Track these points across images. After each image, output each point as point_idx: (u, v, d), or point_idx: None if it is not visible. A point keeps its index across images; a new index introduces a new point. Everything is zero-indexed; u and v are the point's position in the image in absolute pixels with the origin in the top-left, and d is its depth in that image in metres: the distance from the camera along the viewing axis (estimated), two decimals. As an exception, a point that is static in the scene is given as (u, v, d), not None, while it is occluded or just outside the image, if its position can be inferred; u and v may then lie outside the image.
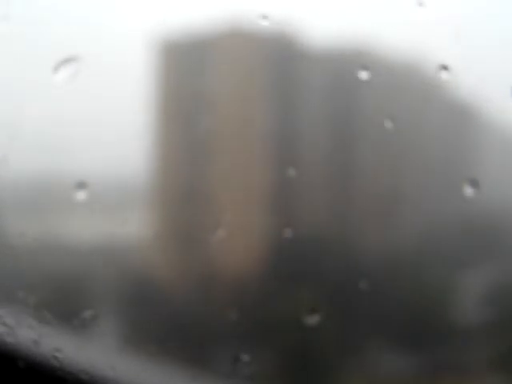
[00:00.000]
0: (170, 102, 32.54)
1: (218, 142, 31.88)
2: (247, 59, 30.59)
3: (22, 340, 2.35)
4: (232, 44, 30.30)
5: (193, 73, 32.89)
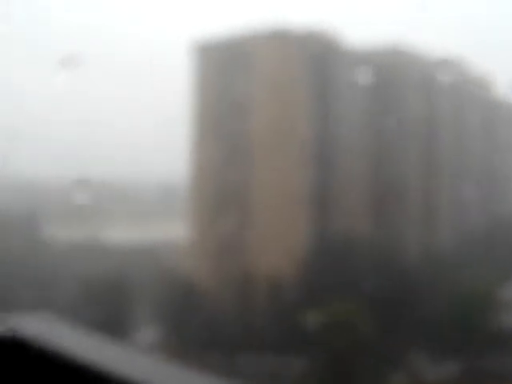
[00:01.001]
0: (210, 106, 32.77)
1: (258, 145, 31.99)
2: (287, 61, 30.75)
3: (64, 339, 2.36)
4: (271, 46, 30.53)
5: (232, 76, 33.07)
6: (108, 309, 38.26)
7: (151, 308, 40.88)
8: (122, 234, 50.03)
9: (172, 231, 48.14)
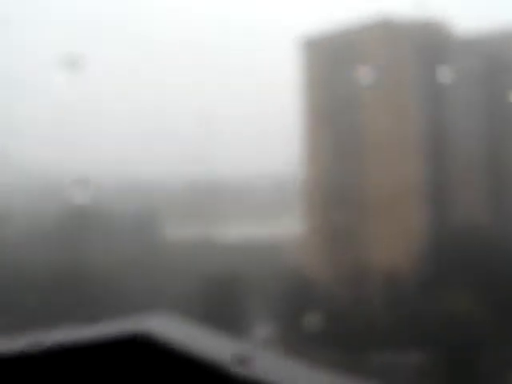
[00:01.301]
0: (320, 100, 32.55)
1: (370, 137, 31.57)
2: (395, 51, 30.13)
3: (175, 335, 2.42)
4: (378, 36, 30.00)
5: (341, 69, 32.71)
6: (225, 305, 39.35)
7: (267, 303, 41.16)
8: (236, 230, 50.33)
9: (285, 226, 48.08)
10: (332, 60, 42.62)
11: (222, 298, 38.96)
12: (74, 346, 2.32)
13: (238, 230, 51.10)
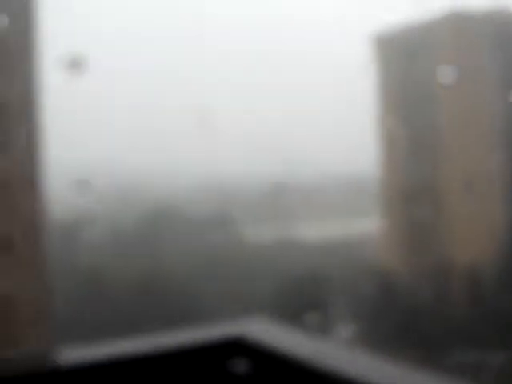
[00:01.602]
0: (395, 97, 32.36)
1: (447, 132, 31.11)
2: (468, 43, 29.54)
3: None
4: (450, 29, 29.47)
5: (414, 64, 32.45)
6: (306, 305, 39.39)
7: (349, 302, 41.07)
8: (315, 230, 50.12)
9: (364, 225, 47.82)
10: (404, 56, 42.32)
11: (303, 298, 39.77)
12: (173, 351, 2.37)
13: (317, 230, 51.03)
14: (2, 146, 32.68)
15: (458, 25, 39.10)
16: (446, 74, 40.11)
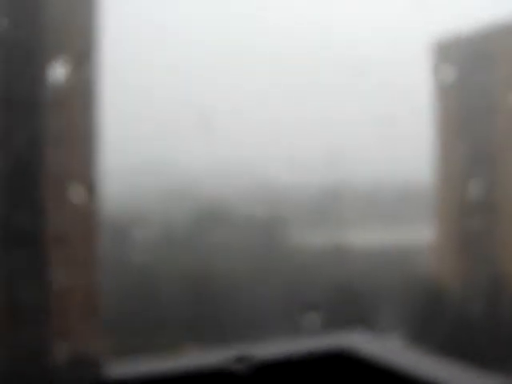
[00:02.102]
0: (453, 106, 31.99)
1: (504, 143, 30.67)
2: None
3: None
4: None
5: (475, 74, 31.98)
6: (356, 312, 39.29)
7: (397, 311, 40.76)
8: (366, 237, 49.42)
9: (415, 234, 47.46)
10: (465, 64, 41.97)
11: (351, 307, 39.38)
12: (280, 361, 2.38)
13: (368, 237, 51.66)
14: (58, 141, 33.20)
15: None
16: (508, 84, 39.67)
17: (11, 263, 31.03)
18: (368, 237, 49.49)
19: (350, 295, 38.50)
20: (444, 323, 36.42)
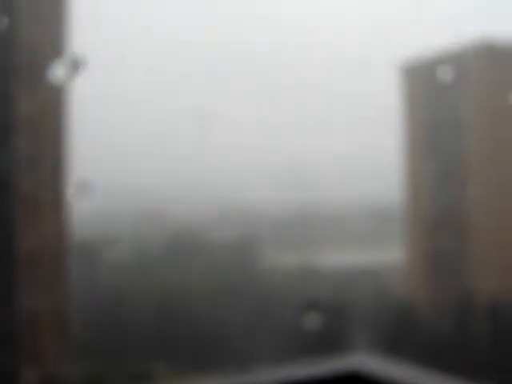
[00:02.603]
0: (421, 126, 32.77)
1: (473, 164, 31.34)
2: (498, 74, 29.78)
3: None
4: (480, 61, 29.85)
5: (442, 94, 32.80)
6: (328, 332, 39.47)
7: (371, 332, 40.68)
8: (336, 258, 49.50)
9: (386, 254, 47.97)
10: (432, 85, 42.30)
11: (323, 325, 39.45)
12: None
13: (338, 258, 51.19)
14: (32, 161, 33.34)
15: (489, 56, 39.17)
16: (472, 104, 40.67)
17: None
18: (339, 257, 49.90)
19: (321, 314, 38.72)
20: (415, 339, 36.80)
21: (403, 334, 37.46)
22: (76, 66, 33.63)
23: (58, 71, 34.27)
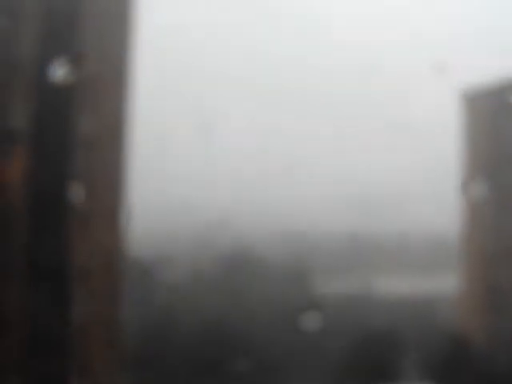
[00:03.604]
0: (481, 155, 32.63)
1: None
2: None
3: None
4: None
5: (503, 123, 32.52)
6: (378, 362, 39.52)
7: (423, 362, 40.77)
8: (392, 286, 49.85)
9: (442, 284, 48.40)
10: (493, 114, 42.72)
11: (375, 356, 39.73)
12: None
13: (394, 286, 51.80)
14: (88, 178, 34.01)
15: None
16: None
17: (37, 297, 32.16)
18: (395, 286, 49.75)
19: (372, 344, 38.93)
20: (470, 375, 36.41)
21: (455, 368, 37.31)
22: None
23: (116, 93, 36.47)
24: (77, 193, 33.85)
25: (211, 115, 47.00)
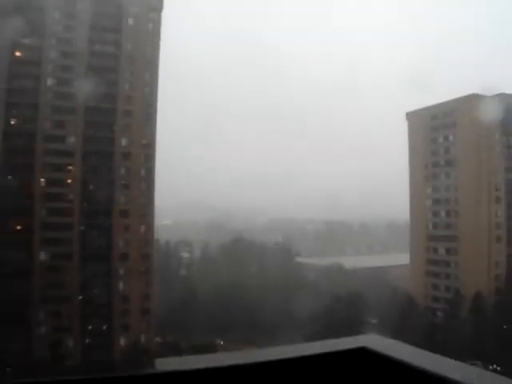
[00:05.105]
0: (423, 161, 45.11)
1: (462, 188, 43.26)
2: (481, 117, 41.67)
3: None
4: (467, 107, 42.35)
5: (439, 136, 45.28)
6: (349, 315, 44.29)
7: (378, 315, 47.07)
8: (358, 261, 57.58)
9: (396, 258, 54.37)
10: (431, 129, 48.73)
11: (347, 309, 44.57)
12: (304, 356, 2.40)
13: (360, 261, 57.83)
14: (127, 183, 40.71)
15: (474, 103, 44.51)
16: (464, 144, 45.71)
17: (89, 272, 37.94)
18: (361, 260, 57.19)
19: (346, 302, 44.82)
20: (415, 322, 42.12)
21: (405, 316, 43.14)
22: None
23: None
24: (118, 196, 40.41)
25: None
